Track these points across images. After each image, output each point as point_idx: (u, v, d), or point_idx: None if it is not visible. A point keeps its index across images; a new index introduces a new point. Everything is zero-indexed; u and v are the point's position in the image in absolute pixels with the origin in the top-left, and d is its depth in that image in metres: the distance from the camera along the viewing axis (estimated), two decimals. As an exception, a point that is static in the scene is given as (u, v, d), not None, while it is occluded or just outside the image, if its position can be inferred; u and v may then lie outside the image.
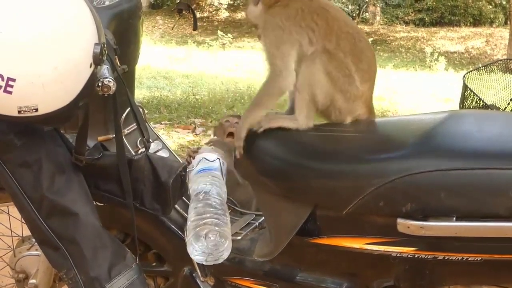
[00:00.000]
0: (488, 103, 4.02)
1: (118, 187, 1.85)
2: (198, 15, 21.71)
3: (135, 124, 1.96)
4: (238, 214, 2.29)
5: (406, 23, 22.01)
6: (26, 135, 1.73)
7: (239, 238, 2.09)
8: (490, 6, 21.72)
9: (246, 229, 2.17)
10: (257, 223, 2.21)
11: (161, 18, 20.49)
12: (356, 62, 1.91)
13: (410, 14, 22.34)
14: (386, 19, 22.40)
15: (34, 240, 2.34)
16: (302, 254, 1.88)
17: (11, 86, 1.42)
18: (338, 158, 1.76)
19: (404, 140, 1.73)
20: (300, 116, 1.90)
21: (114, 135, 1.93)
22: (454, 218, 1.55)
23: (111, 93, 1.65)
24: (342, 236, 1.76)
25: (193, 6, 2.40)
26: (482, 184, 1.55)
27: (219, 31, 16.69)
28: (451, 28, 20.57)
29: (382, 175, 1.61)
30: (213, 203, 2.08)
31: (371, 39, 16.68)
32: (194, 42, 15.93)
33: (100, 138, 2.08)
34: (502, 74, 4.43)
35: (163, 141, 2.36)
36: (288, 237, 1.83)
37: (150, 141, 2.20)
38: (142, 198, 1.86)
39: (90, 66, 1.55)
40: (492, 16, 21.41)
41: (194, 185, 2.10)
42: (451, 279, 1.74)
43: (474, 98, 3.98)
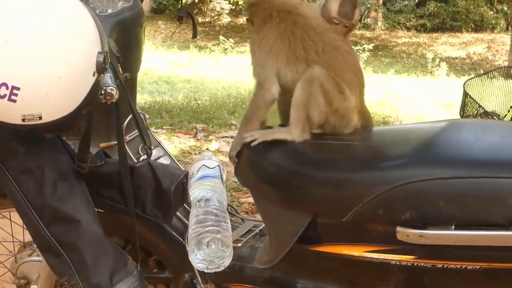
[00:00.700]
0: (488, 110, 4.03)
1: (120, 194, 1.86)
2: (200, 20, 21.79)
3: (137, 131, 1.97)
4: (238, 221, 2.30)
5: (408, 29, 22.04)
6: (29, 142, 1.74)
7: (240, 245, 2.10)
8: (492, 12, 21.76)
9: (246, 236, 2.18)
10: (257, 230, 2.22)
11: (163, 23, 20.52)
12: (341, 74, 1.92)
13: (412, 19, 22.36)
14: (387, 25, 22.42)
15: (35, 246, 2.35)
16: (302, 262, 1.89)
17: (16, 95, 1.43)
18: (337, 167, 1.77)
19: (403, 148, 1.74)
20: (295, 129, 1.91)
21: (116, 142, 1.95)
22: (453, 226, 1.56)
23: (114, 101, 1.66)
24: (342, 244, 1.77)
25: (195, 11, 2.42)
26: (480, 192, 1.56)
27: (221, 36, 16.71)
28: (453, 33, 20.61)
29: (381, 183, 1.63)
30: (214, 210, 2.09)
31: (373, 45, 16.71)
32: (196, 47, 15.97)
33: (102, 145, 2.09)
34: (504, 80, 4.44)
35: (164, 147, 2.37)
36: (288, 244, 1.84)
37: (152, 148, 2.21)
38: (143, 205, 1.87)
39: (93, 75, 1.56)
40: (493, 22, 21.44)
41: (195, 192, 2.11)
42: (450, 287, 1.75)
43: (474, 105, 3.99)
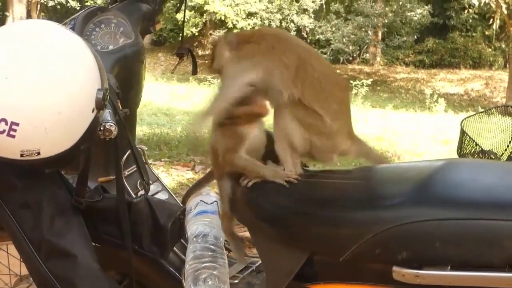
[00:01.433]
0: (485, 149, 4.03)
1: (117, 229, 1.87)
2: (200, 53, 21.90)
3: (136, 167, 1.99)
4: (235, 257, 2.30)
5: (406, 64, 22.21)
6: (27, 177, 1.75)
7: (237, 281, 2.10)
8: (490, 49, 21.94)
9: (243, 272, 2.18)
10: (254, 267, 2.22)
11: (163, 55, 20.67)
12: (324, 106, 1.89)
13: (410, 55, 22.54)
14: (386, 60, 22.60)
15: (31, 279, 2.35)
16: None
17: (15, 130, 1.44)
18: (334, 205, 1.77)
19: (400, 188, 1.74)
20: (286, 166, 1.90)
21: (115, 177, 1.96)
22: (449, 267, 1.56)
23: (113, 137, 1.68)
24: (339, 282, 1.76)
25: (195, 44, 2.45)
26: (477, 234, 1.56)
27: (221, 69, 16.78)
28: (451, 70, 20.76)
29: (378, 223, 1.63)
30: (211, 246, 2.10)
31: (371, 80, 16.80)
32: (195, 80, 16.06)
33: (100, 179, 2.10)
34: (501, 118, 4.45)
35: (162, 182, 2.38)
36: (284, 282, 1.83)
37: (151, 183, 2.22)
38: (140, 241, 1.87)
39: (93, 111, 1.57)
40: (491, 59, 21.60)
41: (192, 227, 2.12)
42: (445, 327, 1.74)
43: (472, 143, 4.00)
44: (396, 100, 16.32)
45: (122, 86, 1.94)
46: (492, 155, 3.96)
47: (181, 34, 2.77)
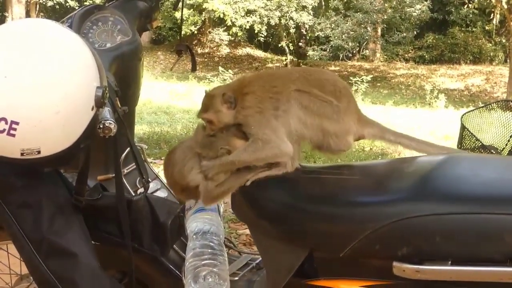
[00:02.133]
0: (486, 144, 4.04)
1: (117, 228, 1.87)
2: (199, 51, 21.91)
3: (135, 164, 1.98)
4: (235, 254, 2.30)
5: (406, 60, 22.20)
6: (27, 176, 1.75)
7: (237, 278, 2.10)
8: (490, 44, 21.93)
9: (243, 269, 2.18)
10: (254, 264, 2.22)
11: (162, 54, 20.67)
12: (322, 89, 1.92)
13: (410, 51, 22.55)
14: (386, 56, 22.60)
15: (32, 278, 2.35)
16: None
17: (15, 129, 1.44)
18: (334, 201, 1.77)
19: (400, 183, 1.74)
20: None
21: (114, 175, 1.96)
22: (450, 262, 1.56)
23: (112, 135, 1.67)
24: (339, 278, 1.76)
25: (194, 42, 2.44)
26: (477, 229, 1.56)
27: (220, 67, 16.84)
28: (451, 65, 20.75)
29: (378, 219, 1.63)
30: (210, 244, 2.09)
31: (371, 76, 16.80)
32: (195, 78, 16.06)
33: (100, 178, 2.10)
34: (502, 113, 4.46)
35: (162, 180, 2.37)
36: (284, 278, 1.83)
37: (150, 180, 2.22)
38: (141, 239, 1.87)
39: (92, 109, 1.57)
40: (492, 54, 21.60)
41: (192, 225, 2.12)
42: (446, 323, 1.74)
43: (472, 138, 4.00)
44: (396, 96, 16.33)
45: (120, 84, 1.94)
46: (492, 150, 3.97)
47: (179, 32, 2.77)
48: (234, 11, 20.65)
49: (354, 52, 23.18)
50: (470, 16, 22.03)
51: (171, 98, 12.75)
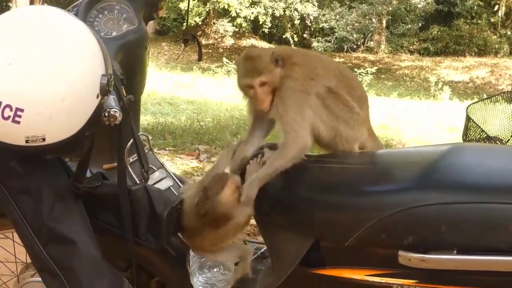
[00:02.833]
0: (491, 135, 4.02)
1: (115, 217, 1.86)
2: (204, 42, 21.83)
3: (137, 155, 1.98)
4: (240, 244, 2.30)
5: (411, 52, 22.11)
6: (28, 163, 1.75)
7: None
8: (495, 37, 21.82)
9: (248, 259, 2.17)
10: (259, 253, 2.22)
11: (166, 44, 20.63)
12: (351, 92, 1.97)
13: (415, 43, 22.45)
14: (391, 48, 22.51)
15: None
16: (304, 285, 1.88)
17: (19, 116, 1.44)
18: (340, 191, 1.77)
19: (405, 173, 1.74)
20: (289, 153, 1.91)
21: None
22: (455, 251, 1.56)
23: (117, 123, 1.67)
24: (344, 267, 1.76)
25: (198, 33, 2.43)
26: (482, 218, 1.56)
27: (224, 58, 16.80)
28: (456, 57, 20.66)
29: (383, 208, 1.63)
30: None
31: (376, 68, 16.76)
32: (199, 69, 16.04)
33: (105, 166, 2.10)
34: (507, 105, 4.44)
35: (168, 169, 2.37)
36: (290, 267, 1.84)
37: (155, 169, 2.22)
38: (137, 229, 1.86)
39: (97, 97, 1.57)
40: (497, 46, 21.49)
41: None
42: (451, 312, 1.74)
43: (477, 129, 3.99)
44: (400, 88, 16.28)
45: (126, 72, 1.93)
46: (497, 141, 3.96)
47: (185, 20, 2.76)
48: (239, 2, 20.61)
49: (359, 43, 23.10)
50: (475, 8, 21.92)
51: (175, 89, 12.72)
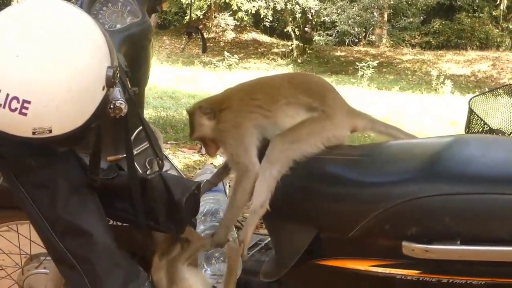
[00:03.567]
0: (493, 128, 4.03)
1: (132, 207, 1.87)
2: (205, 36, 21.70)
3: (148, 144, 1.99)
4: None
5: (413, 46, 22.10)
6: (42, 156, 1.76)
7: (245, 259, 2.10)
8: (497, 30, 21.78)
9: (252, 249, 2.19)
10: (263, 244, 2.23)
11: (168, 38, 20.64)
12: (308, 93, 2.00)
13: (417, 37, 22.43)
14: (392, 42, 22.50)
15: (42, 258, 2.37)
16: (307, 275, 1.89)
17: (26, 108, 1.44)
18: (343, 182, 1.78)
19: (409, 164, 1.75)
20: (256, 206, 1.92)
21: (124, 155, 1.96)
22: (459, 241, 1.57)
23: (123, 115, 1.67)
24: (347, 258, 1.77)
25: (200, 27, 2.44)
26: (486, 208, 1.57)
27: (226, 52, 16.81)
28: (458, 51, 20.64)
29: (387, 199, 1.64)
30: (219, 225, 2.10)
31: (377, 62, 16.75)
32: (200, 63, 16.05)
33: (109, 159, 2.11)
34: (509, 98, 4.44)
35: (171, 161, 2.38)
36: (294, 258, 1.85)
37: (165, 158, 2.23)
38: (156, 218, 1.88)
39: (103, 89, 1.57)
40: (498, 40, 21.46)
41: (200, 206, 2.12)
42: (455, 302, 1.75)
43: (480, 122, 3.99)
44: (402, 82, 16.27)
45: (130, 65, 1.94)
46: (500, 134, 3.96)
47: (188, 14, 2.76)
48: (240, -4, 20.57)
49: (360, 37, 23.09)
50: (477, 1, 21.89)
51: (177, 83, 12.72)
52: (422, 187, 1.62)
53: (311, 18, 21.86)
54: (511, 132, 4.09)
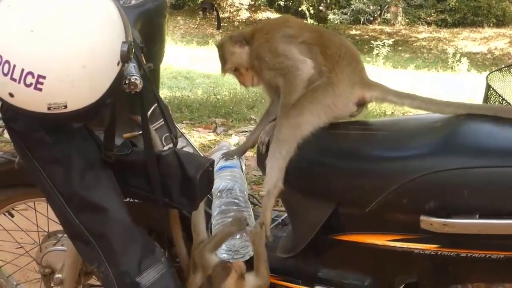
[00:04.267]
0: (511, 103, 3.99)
1: (147, 183, 1.87)
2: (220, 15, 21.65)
3: (163, 120, 1.98)
4: (260, 210, 2.31)
5: (428, 24, 21.90)
6: (57, 132, 1.76)
7: (271, 240, 2.09)
8: (514, 7, 21.52)
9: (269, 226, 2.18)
10: (280, 220, 2.23)
11: (182, 19, 20.57)
12: (325, 51, 1.97)
13: (432, 14, 22.22)
14: (408, 20, 22.31)
15: (59, 235, 2.38)
16: (324, 251, 1.89)
17: (41, 83, 1.44)
18: (361, 157, 1.77)
19: (427, 138, 1.73)
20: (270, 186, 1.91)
21: (140, 132, 1.96)
22: (477, 215, 1.56)
23: (138, 90, 1.67)
24: (365, 233, 1.77)
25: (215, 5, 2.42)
26: (505, 182, 1.55)
27: (240, 32, 16.72)
28: (474, 29, 20.44)
29: (405, 173, 1.63)
30: (236, 201, 2.10)
31: (393, 40, 16.63)
32: (215, 43, 15.95)
33: (125, 135, 2.11)
34: (526, 75, 4.39)
35: (187, 138, 2.38)
36: (311, 233, 1.84)
37: (180, 135, 2.23)
38: (170, 194, 1.88)
39: (118, 64, 1.57)
40: (515, 16, 21.21)
41: (216, 183, 2.12)
42: (474, 276, 1.75)
43: (498, 98, 3.95)
44: (418, 60, 16.17)
45: (145, 40, 1.93)
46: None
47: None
48: (254, -25, 20.47)
49: (375, 15, 22.90)
50: (494, -23, 21.66)
51: (191, 63, 12.71)
52: (441, 161, 1.60)
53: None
54: (529, 108, 4.05)
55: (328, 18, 22.28)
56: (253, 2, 22.70)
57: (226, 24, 20.63)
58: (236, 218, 1.97)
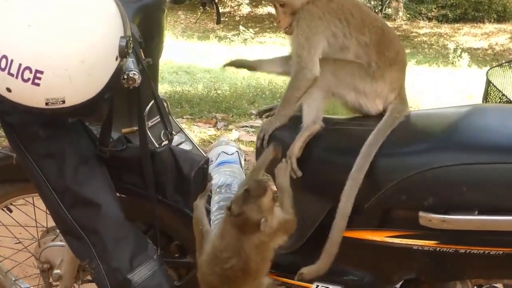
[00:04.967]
0: (511, 99, 3.99)
1: (141, 179, 1.87)
2: (220, 10, 21.62)
3: (159, 116, 1.98)
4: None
5: (429, 19, 21.83)
6: (51, 127, 1.76)
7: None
8: (515, 2, 21.47)
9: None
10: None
11: (183, 13, 20.52)
12: (383, 51, 1.92)
13: (433, 10, 22.15)
14: (409, 15, 22.24)
15: (58, 231, 2.37)
16: (323, 247, 1.88)
17: (39, 78, 1.44)
18: (359, 153, 1.76)
19: (426, 134, 1.73)
20: (308, 122, 1.89)
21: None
22: (476, 212, 1.56)
23: (136, 85, 1.67)
24: (364, 229, 1.77)
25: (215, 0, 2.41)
26: (504, 178, 1.55)
27: (241, 26, 16.70)
28: (475, 24, 20.38)
29: (403, 170, 1.62)
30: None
31: (394, 35, 16.57)
32: (215, 37, 15.97)
33: (124, 130, 2.10)
34: (527, 70, 4.40)
35: (186, 133, 2.37)
36: (310, 230, 1.85)
37: (174, 133, 2.22)
38: (164, 190, 1.88)
39: (116, 59, 1.57)
40: (516, 12, 21.17)
41: (215, 178, 2.11)
42: (472, 273, 1.74)
43: (498, 93, 3.96)
44: (419, 55, 16.11)
45: (144, 35, 1.93)
46: (518, 105, 3.92)
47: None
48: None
49: (377, 10, 22.85)
50: (495, -27, 21.61)
51: (192, 57, 12.68)
52: (439, 157, 1.60)
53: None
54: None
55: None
56: (254, -3, 22.65)
57: (227, 19, 20.59)
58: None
